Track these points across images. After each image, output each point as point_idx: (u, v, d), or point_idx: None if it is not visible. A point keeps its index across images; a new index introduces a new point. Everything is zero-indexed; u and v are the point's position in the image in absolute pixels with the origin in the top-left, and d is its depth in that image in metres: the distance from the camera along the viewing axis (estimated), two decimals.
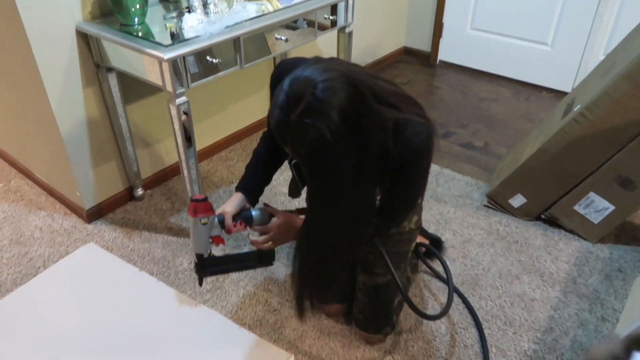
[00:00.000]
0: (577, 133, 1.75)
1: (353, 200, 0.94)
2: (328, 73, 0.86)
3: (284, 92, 0.87)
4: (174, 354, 1.05)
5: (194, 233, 1.14)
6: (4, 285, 1.68)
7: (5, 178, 2.23)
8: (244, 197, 1.22)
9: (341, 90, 0.84)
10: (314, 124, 0.83)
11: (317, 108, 0.83)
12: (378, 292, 1.39)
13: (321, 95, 0.83)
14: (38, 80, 1.65)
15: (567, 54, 2.90)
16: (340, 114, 0.83)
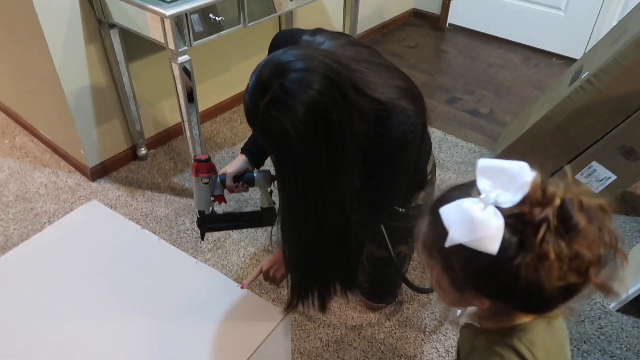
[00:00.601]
0: (583, 101, 1.73)
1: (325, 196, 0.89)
2: (305, 62, 0.80)
3: (255, 76, 0.82)
4: (173, 310, 1.08)
5: (196, 191, 1.17)
6: (10, 240, 1.72)
7: (10, 134, 2.24)
8: (247, 159, 1.22)
9: (314, 83, 0.78)
10: (279, 118, 0.78)
11: (282, 101, 0.78)
12: (385, 264, 1.39)
13: (290, 86, 0.78)
14: (40, 36, 1.63)
15: (580, 19, 2.83)
16: (307, 109, 0.78)
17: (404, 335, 1.45)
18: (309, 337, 1.44)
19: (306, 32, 1.07)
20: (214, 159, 2.12)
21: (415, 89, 1.06)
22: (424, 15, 3.48)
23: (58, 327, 1.03)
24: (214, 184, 1.16)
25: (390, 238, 1.31)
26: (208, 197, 1.18)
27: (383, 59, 1.07)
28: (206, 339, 1.02)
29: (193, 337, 1.02)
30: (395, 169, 1.03)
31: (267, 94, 0.79)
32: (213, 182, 1.16)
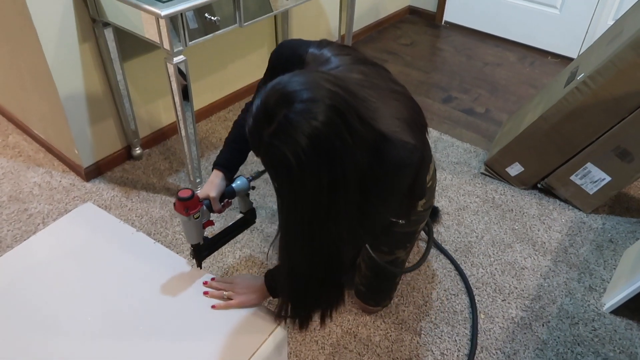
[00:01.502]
0: (578, 102, 1.73)
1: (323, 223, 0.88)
2: (311, 91, 0.79)
3: (260, 102, 0.81)
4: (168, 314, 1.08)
5: (188, 229, 1.13)
6: (4, 241, 1.71)
7: (3, 133, 2.22)
8: (223, 175, 1.20)
9: (319, 115, 0.77)
10: (282, 148, 0.77)
11: (286, 132, 0.77)
12: (382, 269, 1.40)
13: (294, 118, 0.76)
14: (33, 34, 1.61)
15: (576, 18, 2.83)
16: (311, 140, 0.77)
17: (400, 338, 1.45)
18: (305, 340, 1.44)
19: (312, 45, 1.05)
20: (210, 158, 2.12)
21: (420, 119, 1.04)
22: (420, 13, 3.48)
23: (52, 331, 1.03)
24: (203, 214, 1.13)
25: (389, 244, 1.31)
26: (201, 229, 1.15)
27: (390, 80, 1.05)
28: (202, 345, 1.02)
29: (188, 342, 1.02)
30: (387, 192, 1.02)
31: (272, 124, 0.78)
32: (202, 212, 1.12)
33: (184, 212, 1.07)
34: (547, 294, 1.59)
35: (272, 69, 1.12)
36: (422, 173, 1.19)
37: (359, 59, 1.04)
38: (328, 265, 0.97)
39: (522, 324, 1.50)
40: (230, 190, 1.19)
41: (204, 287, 1.14)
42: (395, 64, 2.86)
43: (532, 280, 1.63)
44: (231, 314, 1.09)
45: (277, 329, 1.07)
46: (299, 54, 1.05)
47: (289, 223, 0.91)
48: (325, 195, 0.84)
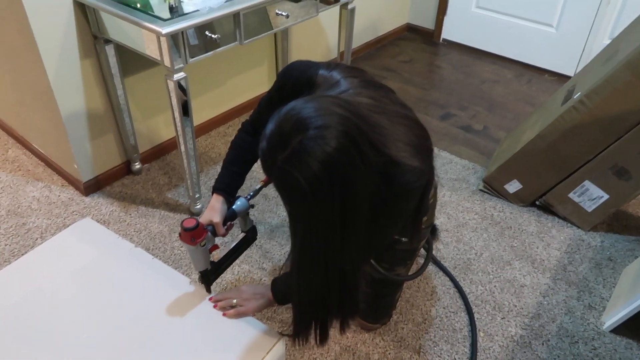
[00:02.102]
0: (575, 121, 1.75)
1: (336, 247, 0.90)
2: (324, 118, 0.80)
3: (276, 127, 0.82)
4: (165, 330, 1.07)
5: (195, 257, 1.12)
6: (1, 256, 1.70)
7: (3, 147, 2.22)
8: (224, 199, 1.19)
9: (332, 141, 0.78)
10: (295, 174, 0.79)
11: (300, 158, 0.78)
12: (383, 285, 1.39)
13: (307, 144, 0.78)
14: (34, 50, 1.63)
15: (572, 36, 2.87)
16: (324, 166, 0.78)
17: (399, 356, 1.44)
18: (303, 357, 1.43)
19: (322, 66, 1.06)
20: (209, 174, 2.12)
21: (427, 144, 1.06)
22: (418, 30, 3.52)
23: (48, 346, 1.02)
24: (208, 240, 1.13)
25: (390, 260, 1.31)
26: (207, 256, 1.14)
27: (398, 103, 1.06)
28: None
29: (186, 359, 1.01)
30: (394, 213, 1.03)
31: (287, 150, 0.79)
32: (208, 239, 1.12)
33: (190, 242, 1.07)
34: (547, 312, 1.58)
35: (280, 88, 1.13)
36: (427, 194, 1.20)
37: (367, 81, 1.05)
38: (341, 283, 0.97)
39: (522, 343, 1.49)
40: (231, 213, 1.19)
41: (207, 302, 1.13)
42: (393, 81, 2.88)
43: (532, 298, 1.63)
44: (229, 331, 1.08)
45: (276, 345, 1.07)
46: (308, 76, 1.06)
47: (302, 244, 0.92)
48: (337, 218, 0.85)
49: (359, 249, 0.94)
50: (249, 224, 1.27)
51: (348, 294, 1.00)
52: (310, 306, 1.01)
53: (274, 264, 1.71)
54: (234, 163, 1.24)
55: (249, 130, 1.25)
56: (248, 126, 1.25)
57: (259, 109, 1.22)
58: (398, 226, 1.13)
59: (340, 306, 1.03)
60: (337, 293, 0.98)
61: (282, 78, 1.12)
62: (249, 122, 1.26)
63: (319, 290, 0.97)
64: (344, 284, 0.97)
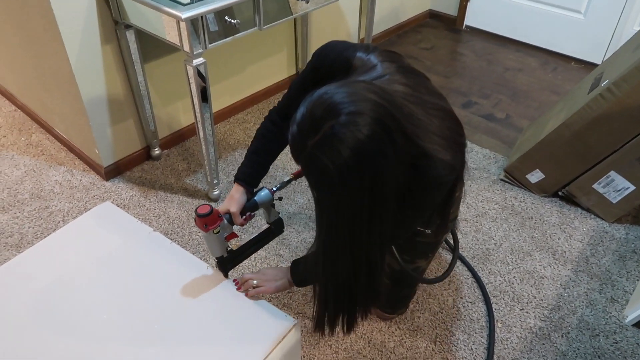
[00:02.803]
0: (602, 109, 1.70)
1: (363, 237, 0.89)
2: (358, 104, 0.78)
3: (306, 111, 0.81)
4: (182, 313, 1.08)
5: (209, 243, 1.14)
6: (25, 238, 1.74)
7: (27, 132, 2.27)
8: (244, 189, 1.19)
9: (364, 128, 0.76)
10: (325, 159, 0.77)
11: (331, 144, 0.77)
12: (402, 277, 1.38)
13: (339, 130, 0.76)
14: (57, 36, 1.64)
15: (600, 23, 2.78)
16: (355, 153, 0.76)
17: (415, 345, 1.43)
18: (319, 344, 1.43)
19: (360, 49, 1.03)
20: (227, 160, 2.13)
21: (461, 139, 1.04)
22: (440, 17, 3.45)
23: (68, 326, 1.04)
24: (224, 228, 1.13)
25: (412, 252, 1.29)
26: (222, 243, 1.15)
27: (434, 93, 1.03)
28: (215, 346, 1.02)
29: (202, 343, 1.02)
30: (421, 205, 1.02)
31: (318, 134, 0.78)
32: (223, 227, 1.13)
33: (203, 228, 1.08)
34: (567, 304, 1.55)
35: (315, 69, 1.09)
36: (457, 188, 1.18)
37: (404, 67, 1.02)
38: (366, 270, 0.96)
39: (541, 334, 1.47)
40: (252, 203, 1.18)
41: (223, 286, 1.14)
42: None
43: (552, 289, 1.60)
44: (245, 316, 1.08)
45: (291, 331, 1.07)
46: (345, 57, 1.02)
47: (328, 232, 0.91)
48: (364, 206, 0.84)
49: (384, 237, 0.93)
50: (273, 216, 1.25)
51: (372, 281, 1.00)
52: (337, 294, 1.00)
53: (291, 251, 1.72)
54: (257, 153, 1.22)
55: (275, 118, 1.22)
56: (274, 114, 1.22)
57: (289, 94, 1.19)
58: (424, 218, 1.12)
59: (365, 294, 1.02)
60: (363, 280, 0.97)
61: (318, 59, 1.08)
62: (277, 109, 1.22)
63: (345, 277, 0.96)
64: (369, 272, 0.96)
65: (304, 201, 1.92)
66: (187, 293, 1.13)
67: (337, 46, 1.06)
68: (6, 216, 1.82)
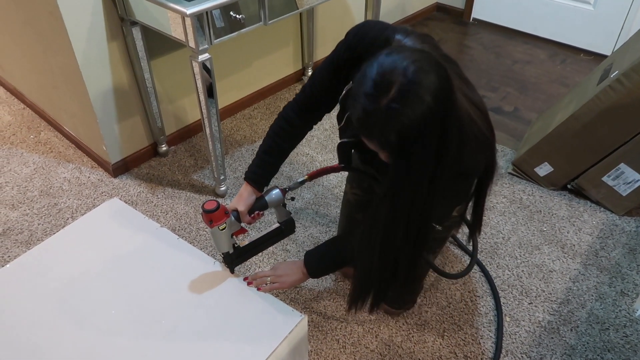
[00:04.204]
0: (612, 101, 1.68)
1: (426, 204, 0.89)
2: (415, 54, 0.79)
3: (370, 79, 0.79)
4: (189, 309, 1.09)
5: (215, 238, 1.14)
6: (34, 235, 1.76)
7: (36, 129, 2.28)
8: (253, 188, 1.18)
9: (431, 73, 0.77)
10: (408, 108, 0.76)
11: (410, 90, 0.76)
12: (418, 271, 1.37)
13: (413, 77, 0.76)
14: (63, 33, 1.65)
15: (610, 14, 2.74)
16: (434, 96, 0.76)
17: (422, 339, 1.43)
18: (326, 338, 1.43)
19: (397, 31, 1.01)
20: (234, 156, 2.13)
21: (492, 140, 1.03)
22: (447, 10, 3.42)
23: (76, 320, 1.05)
24: (230, 225, 1.13)
25: None
26: (229, 239, 1.15)
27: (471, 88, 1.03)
28: (222, 341, 1.02)
29: (209, 337, 1.03)
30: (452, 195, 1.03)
31: (392, 89, 0.77)
32: (229, 224, 1.13)
33: (208, 224, 1.09)
34: (576, 298, 1.54)
35: (350, 48, 1.05)
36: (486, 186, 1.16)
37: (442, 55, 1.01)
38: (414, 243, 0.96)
39: (550, 328, 1.46)
40: (262, 203, 1.18)
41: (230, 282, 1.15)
42: None
43: (561, 283, 1.59)
44: (252, 311, 1.09)
45: (298, 325, 1.07)
46: (386, 36, 1.00)
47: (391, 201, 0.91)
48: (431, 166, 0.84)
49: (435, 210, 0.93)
50: (284, 216, 1.24)
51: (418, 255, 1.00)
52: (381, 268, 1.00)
53: (298, 246, 1.72)
54: (268, 153, 1.20)
55: (291, 115, 1.18)
56: (290, 111, 1.19)
57: (312, 83, 1.14)
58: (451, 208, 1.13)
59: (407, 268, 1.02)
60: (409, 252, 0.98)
61: (354, 37, 1.04)
62: (295, 104, 1.18)
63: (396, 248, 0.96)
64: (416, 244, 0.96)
65: (311, 196, 1.92)
66: (195, 288, 1.13)
67: (376, 25, 1.04)
68: (16, 213, 1.84)
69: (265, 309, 1.10)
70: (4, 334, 1.03)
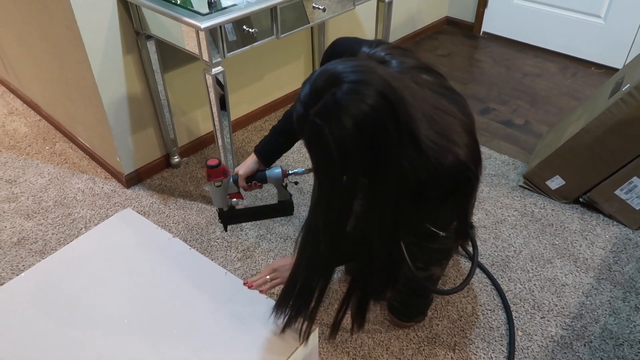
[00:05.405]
0: (623, 114, 1.67)
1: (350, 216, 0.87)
2: (362, 74, 0.76)
3: (309, 84, 0.79)
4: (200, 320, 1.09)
5: (212, 193, 1.29)
6: (49, 244, 1.78)
7: (51, 141, 2.32)
8: (258, 160, 1.27)
9: (368, 98, 0.73)
10: (326, 129, 0.74)
11: (332, 111, 0.74)
12: (419, 286, 1.37)
13: (341, 97, 0.74)
14: (81, 47, 1.69)
15: (621, 28, 2.74)
16: (356, 122, 0.73)
17: (433, 353, 1.42)
18: (336, 350, 1.43)
19: (367, 43, 1.03)
20: None
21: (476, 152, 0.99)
22: (457, 23, 3.44)
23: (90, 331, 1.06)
24: (226, 185, 1.26)
25: (424, 259, 1.28)
26: (223, 197, 1.28)
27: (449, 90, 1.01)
28: (233, 352, 1.03)
29: (219, 349, 1.03)
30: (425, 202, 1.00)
31: (319, 102, 0.76)
32: (226, 183, 1.25)
33: (207, 177, 1.23)
34: (590, 313, 1.52)
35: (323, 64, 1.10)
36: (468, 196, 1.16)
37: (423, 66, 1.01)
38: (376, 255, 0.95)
39: (562, 343, 1.44)
40: (261, 175, 1.28)
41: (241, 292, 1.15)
42: None
43: (574, 297, 1.57)
44: (262, 321, 1.09)
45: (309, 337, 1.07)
46: (354, 51, 1.02)
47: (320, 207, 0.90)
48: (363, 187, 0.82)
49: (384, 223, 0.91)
50: (283, 196, 1.33)
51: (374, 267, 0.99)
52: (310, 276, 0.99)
53: None
54: (278, 132, 1.29)
55: None
56: None
57: None
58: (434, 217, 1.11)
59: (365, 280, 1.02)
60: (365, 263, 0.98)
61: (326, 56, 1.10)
62: None
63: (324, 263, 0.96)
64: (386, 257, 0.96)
65: None
66: (206, 298, 1.14)
67: (344, 42, 1.08)
68: (31, 223, 1.87)
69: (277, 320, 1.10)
70: (17, 341, 1.05)
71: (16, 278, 1.19)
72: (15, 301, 1.13)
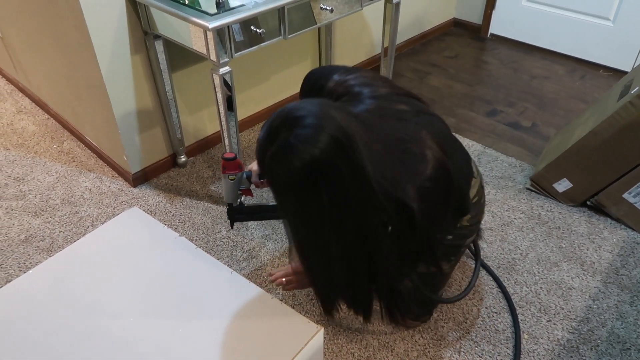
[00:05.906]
0: (632, 117, 1.66)
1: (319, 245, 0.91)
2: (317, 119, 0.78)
3: (267, 124, 0.83)
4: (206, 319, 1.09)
5: (224, 186, 1.30)
6: (56, 242, 1.79)
7: (59, 139, 2.34)
8: None
9: (320, 142, 0.76)
10: (278, 171, 0.79)
11: (284, 154, 0.78)
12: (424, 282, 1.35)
13: (293, 142, 0.77)
14: (89, 46, 1.70)
15: (630, 30, 2.72)
16: (305, 166, 0.76)
17: (438, 355, 1.42)
18: (341, 351, 1.43)
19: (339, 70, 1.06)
20: None
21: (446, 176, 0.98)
22: (464, 25, 3.43)
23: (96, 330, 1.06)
24: (240, 180, 1.27)
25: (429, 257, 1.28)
26: (235, 192, 1.29)
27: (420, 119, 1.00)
28: (238, 352, 1.03)
29: (225, 348, 1.03)
30: None
31: (273, 145, 0.80)
32: (239, 178, 1.27)
33: (222, 170, 1.25)
34: (597, 317, 1.51)
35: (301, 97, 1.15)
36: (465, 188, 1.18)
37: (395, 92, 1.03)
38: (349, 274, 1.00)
39: (569, 347, 1.43)
40: None
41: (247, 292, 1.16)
42: (438, 77, 2.83)
43: (580, 301, 1.56)
44: (267, 321, 1.09)
45: (314, 338, 1.07)
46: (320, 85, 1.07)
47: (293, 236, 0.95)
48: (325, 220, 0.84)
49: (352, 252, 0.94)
50: None
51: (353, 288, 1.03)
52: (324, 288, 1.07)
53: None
54: None
55: None
56: None
57: None
58: None
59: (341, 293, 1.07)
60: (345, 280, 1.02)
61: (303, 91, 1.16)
62: None
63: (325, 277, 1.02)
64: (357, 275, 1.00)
65: None
66: (211, 298, 1.14)
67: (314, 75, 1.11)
68: (38, 221, 1.88)
69: (282, 320, 1.10)
70: (24, 338, 1.05)
71: (23, 275, 1.20)
72: (22, 298, 1.14)
